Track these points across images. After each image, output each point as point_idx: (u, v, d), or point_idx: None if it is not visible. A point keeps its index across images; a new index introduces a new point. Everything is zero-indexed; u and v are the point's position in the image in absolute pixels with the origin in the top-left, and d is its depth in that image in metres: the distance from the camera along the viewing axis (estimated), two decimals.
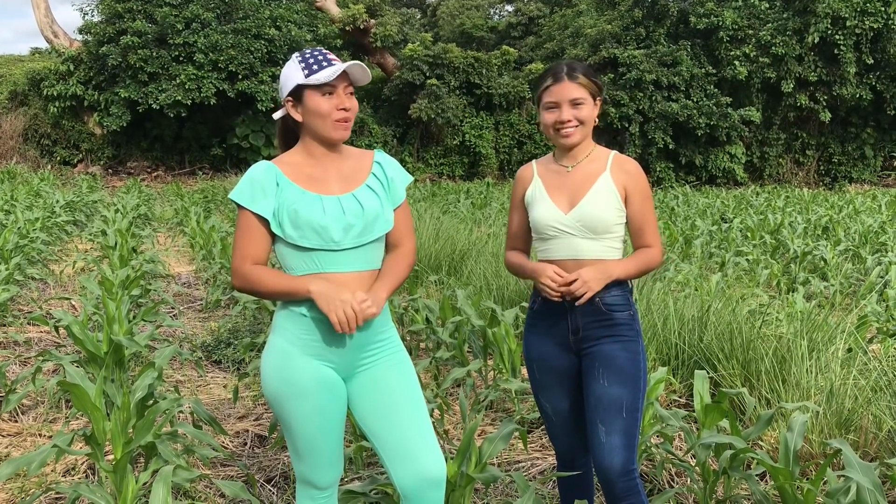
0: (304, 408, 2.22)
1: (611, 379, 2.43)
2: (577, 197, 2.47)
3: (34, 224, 9.97)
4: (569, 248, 2.47)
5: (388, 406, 2.27)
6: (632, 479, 2.42)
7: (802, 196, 19.16)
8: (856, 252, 9.19)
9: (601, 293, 2.45)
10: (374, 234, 2.23)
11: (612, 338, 2.46)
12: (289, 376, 2.22)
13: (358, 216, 2.21)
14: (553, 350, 2.55)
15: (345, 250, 2.20)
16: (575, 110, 2.45)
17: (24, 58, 29.79)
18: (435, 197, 16.42)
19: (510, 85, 24.36)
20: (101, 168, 22.68)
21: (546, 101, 2.48)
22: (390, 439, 2.26)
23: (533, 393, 2.68)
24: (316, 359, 2.23)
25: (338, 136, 2.23)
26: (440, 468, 2.26)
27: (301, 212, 2.17)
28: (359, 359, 2.28)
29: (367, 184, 2.28)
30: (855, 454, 2.46)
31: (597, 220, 2.44)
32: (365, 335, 2.26)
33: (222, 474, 3.64)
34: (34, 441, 3.98)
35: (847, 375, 4.01)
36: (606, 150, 2.56)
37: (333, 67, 2.19)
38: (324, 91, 2.20)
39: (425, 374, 4.98)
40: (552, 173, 2.56)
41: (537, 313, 2.58)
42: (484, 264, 7.39)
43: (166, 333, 6.05)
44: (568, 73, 2.45)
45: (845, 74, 23.56)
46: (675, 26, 25.21)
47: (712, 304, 5.12)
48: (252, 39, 21.30)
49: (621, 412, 2.41)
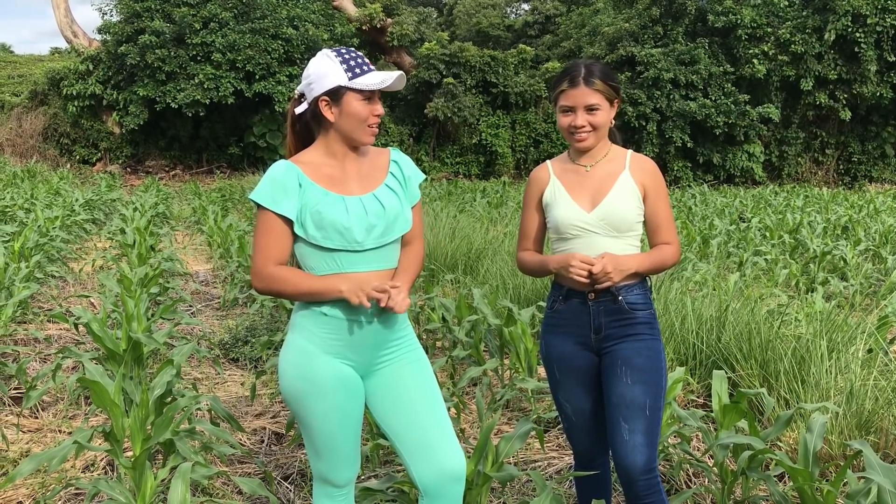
0: (323, 406, 2.23)
1: (634, 378, 2.42)
2: (600, 196, 2.47)
3: (54, 222, 10.06)
4: (591, 247, 2.45)
5: (407, 403, 2.28)
6: (653, 476, 2.42)
7: (822, 195, 19.00)
8: (876, 252, 9.10)
9: (623, 292, 2.45)
10: (395, 234, 2.25)
11: (634, 337, 2.45)
12: (308, 374, 2.22)
13: (380, 216, 2.21)
14: (573, 350, 2.54)
15: (366, 251, 2.20)
16: (590, 116, 2.44)
17: (44, 57, 30.14)
18: (451, 196, 16.42)
19: (527, 84, 24.32)
20: (120, 167, 22.87)
21: (562, 104, 2.48)
22: (409, 436, 2.27)
23: (552, 393, 2.66)
24: (335, 357, 2.24)
25: (367, 141, 2.26)
26: (460, 463, 2.27)
27: (325, 213, 2.17)
28: (377, 357, 2.29)
29: (387, 183, 2.28)
30: (876, 455, 2.44)
31: (620, 219, 2.44)
32: (383, 334, 2.27)
33: (240, 471, 3.66)
34: (54, 437, 4.02)
35: (867, 376, 3.97)
36: (623, 150, 2.57)
37: (378, 75, 2.20)
38: (364, 96, 2.20)
39: (441, 373, 4.99)
40: (570, 173, 2.55)
41: (558, 313, 2.56)
42: (500, 263, 7.38)
43: (184, 331, 6.08)
44: (585, 77, 2.44)
45: (865, 72, 23.33)
46: (692, 24, 25.07)
47: (730, 303, 5.08)
48: (270, 39, 21.39)
49: (644, 411, 2.41)
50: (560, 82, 2.48)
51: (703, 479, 3.58)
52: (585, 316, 2.49)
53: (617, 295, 2.45)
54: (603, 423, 2.59)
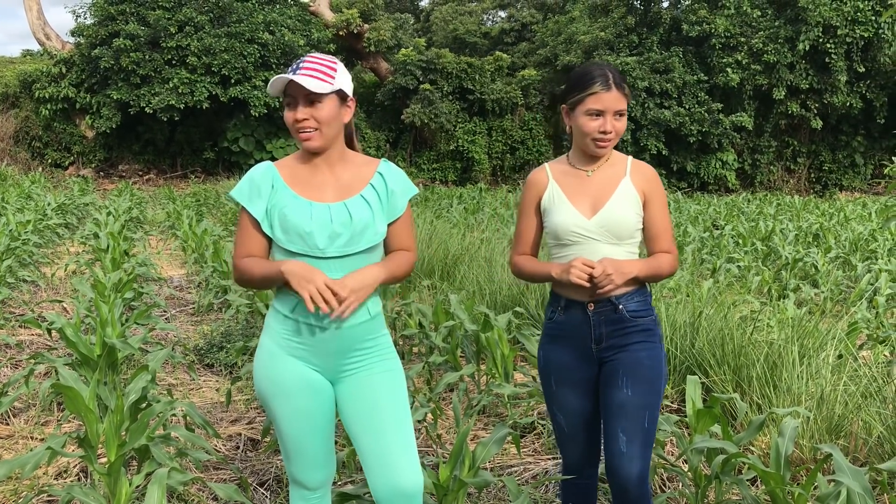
0: (288, 408, 2.25)
1: (635, 388, 2.38)
2: (600, 202, 2.41)
3: (25, 226, 9.93)
4: (591, 254, 2.40)
5: (372, 413, 2.27)
6: (645, 486, 2.40)
7: (793, 203, 19.26)
8: (846, 259, 9.25)
9: (623, 300, 2.41)
10: (361, 245, 2.22)
11: (636, 345, 2.41)
12: (274, 376, 2.25)
13: (346, 226, 2.20)
14: (573, 361, 2.49)
15: (330, 258, 2.19)
16: (617, 122, 2.38)
17: (15, 59, 29.68)
18: (428, 202, 16.44)
19: (503, 91, 24.43)
20: (93, 171, 22.63)
21: (591, 108, 2.36)
22: (370, 447, 2.26)
23: (546, 404, 2.62)
24: (300, 360, 2.25)
25: (304, 146, 2.23)
26: (416, 481, 2.24)
27: (289, 216, 2.19)
28: (343, 363, 2.28)
29: (362, 194, 2.26)
30: (845, 459, 2.49)
31: (621, 225, 2.39)
32: (349, 340, 2.25)
33: (215, 478, 3.64)
34: (26, 444, 3.97)
35: (837, 381, 4.04)
36: (623, 155, 2.52)
37: (281, 78, 2.18)
38: (285, 102, 2.22)
39: (418, 379, 4.99)
40: (571, 178, 2.48)
41: (558, 323, 2.51)
42: (477, 269, 7.40)
43: (158, 337, 6.04)
44: (616, 81, 2.36)
45: (836, 83, 23.72)
46: (667, 33, 25.35)
47: (704, 310, 5.14)
48: (245, 44, 21.30)
49: (644, 422, 2.38)
50: (590, 84, 2.35)
51: (677, 483, 3.61)
52: (586, 326, 2.44)
53: (617, 304, 2.40)
54: (594, 436, 2.58)
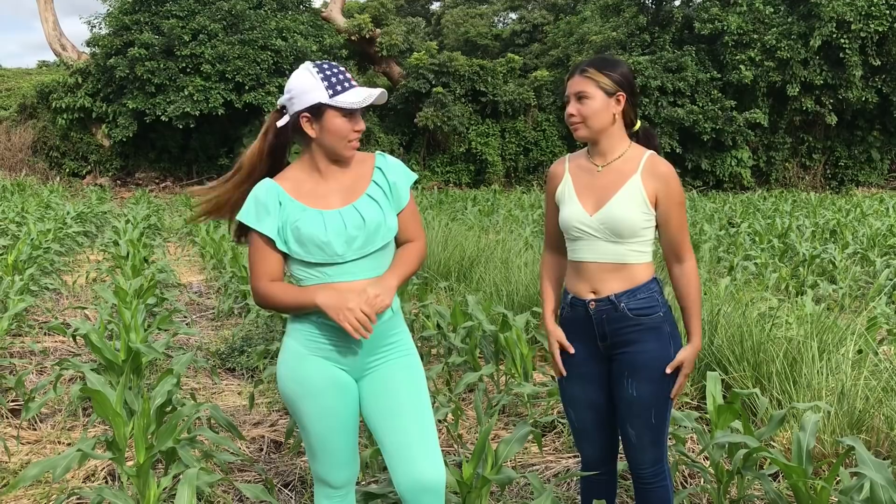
0: (315, 407, 2.28)
1: (640, 387, 2.41)
2: (604, 199, 2.39)
3: (46, 235, 10.05)
4: (594, 250, 2.41)
5: (393, 408, 2.29)
6: (660, 466, 2.48)
7: (809, 200, 19.16)
8: (864, 255, 9.20)
9: (624, 298, 2.40)
10: (378, 243, 2.25)
11: (641, 342, 2.41)
12: (300, 376, 2.27)
13: (360, 228, 2.22)
14: (582, 356, 2.51)
15: (350, 262, 2.22)
16: (579, 104, 2.38)
17: (32, 71, 30.06)
18: (442, 205, 16.48)
19: (515, 92, 24.44)
20: (110, 179, 22.84)
21: (565, 98, 2.44)
22: (392, 442, 2.29)
23: (561, 400, 2.66)
24: (327, 360, 2.28)
25: (349, 155, 2.27)
26: (438, 475, 2.26)
27: (303, 229, 2.19)
28: (368, 361, 2.31)
29: (368, 193, 2.28)
30: (868, 452, 2.49)
31: (622, 224, 2.36)
32: (374, 338, 2.27)
33: (240, 479, 3.68)
34: (53, 448, 4.03)
35: (858, 376, 4.03)
36: (642, 150, 2.45)
37: (360, 93, 2.19)
38: (345, 113, 2.20)
39: (438, 380, 5.02)
40: (583, 172, 2.48)
41: (566, 320, 2.54)
42: (493, 270, 7.43)
43: (181, 342, 6.10)
44: (581, 66, 2.40)
45: (851, 78, 23.56)
46: (679, 32, 25.28)
47: (722, 307, 5.14)
48: (259, 50, 21.45)
49: (650, 418, 2.43)
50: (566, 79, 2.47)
51: (698, 479, 3.63)
52: (590, 323, 2.46)
53: (617, 303, 2.40)
54: (608, 432, 2.61)
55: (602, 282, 2.42)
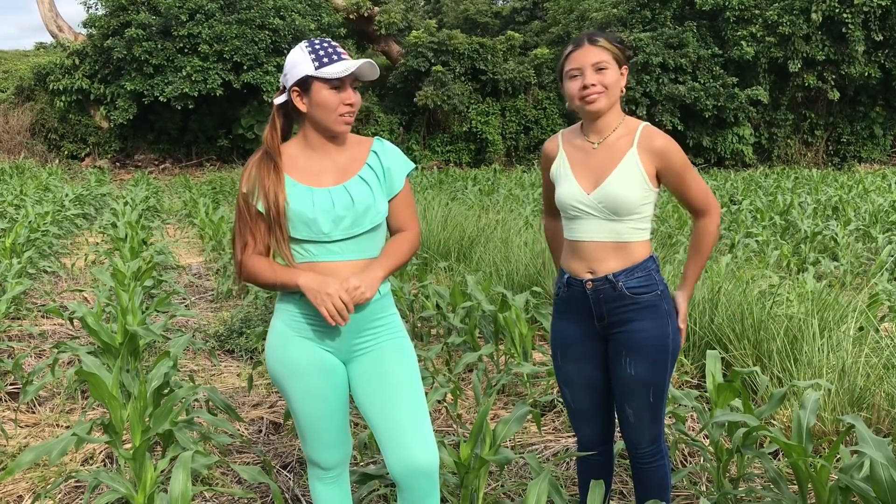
0: (300, 389, 2.27)
1: (637, 366, 2.39)
2: (602, 177, 2.35)
3: (44, 218, 10.02)
4: (592, 228, 2.38)
5: (384, 392, 2.27)
6: (657, 445, 2.49)
7: (811, 176, 19.07)
8: (866, 231, 9.16)
9: (622, 277, 2.37)
10: (365, 225, 2.23)
11: (638, 322, 2.38)
12: (285, 357, 2.27)
13: (348, 208, 2.20)
14: (579, 336, 2.49)
15: (336, 241, 2.20)
16: (599, 75, 2.32)
17: (28, 53, 29.89)
18: (442, 184, 16.42)
19: (516, 70, 24.28)
20: (109, 161, 22.78)
21: (568, 70, 2.36)
22: (384, 426, 2.27)
23: (557, 380, 2.64)
24: (312, 342, 2.27)
25: (340, 130, 2.23)
26: (431, 458, 2.25)
27: (291, 204, 2.18)
28: (355, 343, 2.29)
29: (360, 175, 2.26)
30: (868, 430, 2.47)
31: (620, 202, 2.32)
32: (360, 320, 2.26)
33: (238, 461, 3.68)
34: (52, 431, 4.03)
35: (859, 354, 4.01)
36: (636, 123, 2.41)
37: (345, 63, 2.18)
38: (332, 85, 2.18)
39: (437, 360, 5.01)
40: (577, 150, 2.44)
41: (563, 299, 2.51)
42: (493, 250, 7.40)
43: (179, 324, 6.09)
44: (589, 38, 2.36)
45: (853, 53, 23.39)
46: (680, 8, 25.06)
47: (723, 285, 5.12)
48: (256, 30, 21.30)
49: (648, 397, 2.42)
50: (564, 50, 2.40)
51: (698, 457, 3.62)
52: (587, 303, 2.43)
53: (616, 281, 2.37)
54: (604, 412, 2.59)
55: (599, 261, 2.39)
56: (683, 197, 2.42)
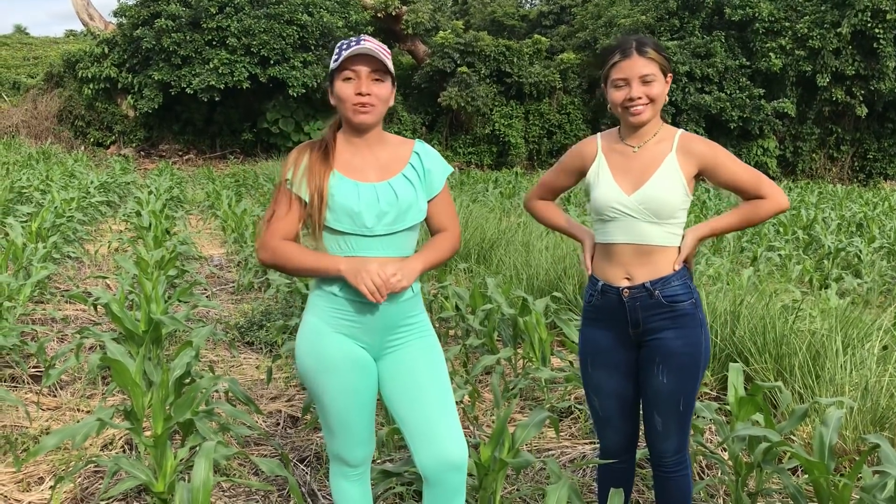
0: (334, 384, 2.27)
1: (670, 376, 2.38)
2: (643, 179, 2.36)
3: (70, 204, 10.12)
4: (629, 231, 2.37)
5: (414, 388, 2.30)
6: (682, 456, 2.47)
7: (836, 192, 18.90)
8: (891, 249, 9.06)
9: (659, 286, 2.36)
10: (407, 222, 2.26)
11: (673, 329, 2.37)
12: (320, 352, 2.27)
13: (392, 205, 2.23)
14: (611, 343, 2.48)
15: (376, 236, 2.23)
16: (645, 87, 2.33)
17: (59, 40, 30.21)
18: (464, 186, 16.42)
19: (541, 74, 24.24)
20: (133, 150, 22.98)
21: (614, 78, 2.36)
22: (414, 421, 2.29)
23: (584, 388, 2.63)
24: (347, 337, 2.28)
25: (357, 121, 2.24)
26: (462, 452, 2.27)
27: (337, 196, 2.21)
28: (387, 339, 2.31)
29: (404, 173, 2.30)
30: (893, 450, 2.45)
31: (661, 204, 2.33)
32: (394, 317, 2.29)
33: (256, 453, 3.70)
34: (73, 415, 4.07)
35: (882, 373, 3.97)
36: (673, 130, 2.43)
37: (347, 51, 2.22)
38: (345, 76, 2.22)
39: (455, 361, 5.01)
40: (617, 154, 2.44)
41: (595, 307, 2.49)
42: (514, 254, 7.39)
43: (200, 314, 6.13)
44: (637, 47, 2.33)
45: (884, 69, 23.15)
46: (709, 17, 24.93)
47: (744, 298, 5.08)
48: (284, 25, 21.41)
49: (678, 406, 2.41)
50: (611, 56, 2.37)
51: (716, 470, 3.59)
52: (622, 310, 2.42)
53: (652, 290, 2.37)
54: (631, 421, 2.58)
55: (635, 266, 2.39)
56: (736, 186, 2.40)
